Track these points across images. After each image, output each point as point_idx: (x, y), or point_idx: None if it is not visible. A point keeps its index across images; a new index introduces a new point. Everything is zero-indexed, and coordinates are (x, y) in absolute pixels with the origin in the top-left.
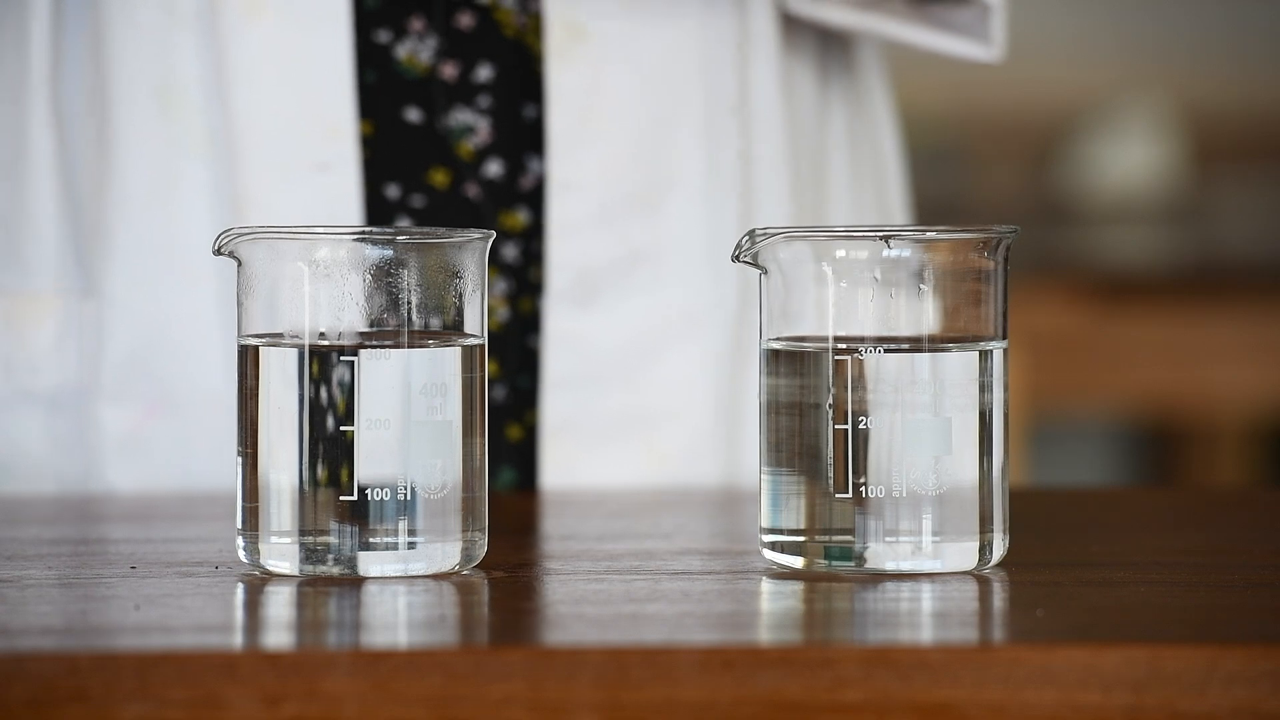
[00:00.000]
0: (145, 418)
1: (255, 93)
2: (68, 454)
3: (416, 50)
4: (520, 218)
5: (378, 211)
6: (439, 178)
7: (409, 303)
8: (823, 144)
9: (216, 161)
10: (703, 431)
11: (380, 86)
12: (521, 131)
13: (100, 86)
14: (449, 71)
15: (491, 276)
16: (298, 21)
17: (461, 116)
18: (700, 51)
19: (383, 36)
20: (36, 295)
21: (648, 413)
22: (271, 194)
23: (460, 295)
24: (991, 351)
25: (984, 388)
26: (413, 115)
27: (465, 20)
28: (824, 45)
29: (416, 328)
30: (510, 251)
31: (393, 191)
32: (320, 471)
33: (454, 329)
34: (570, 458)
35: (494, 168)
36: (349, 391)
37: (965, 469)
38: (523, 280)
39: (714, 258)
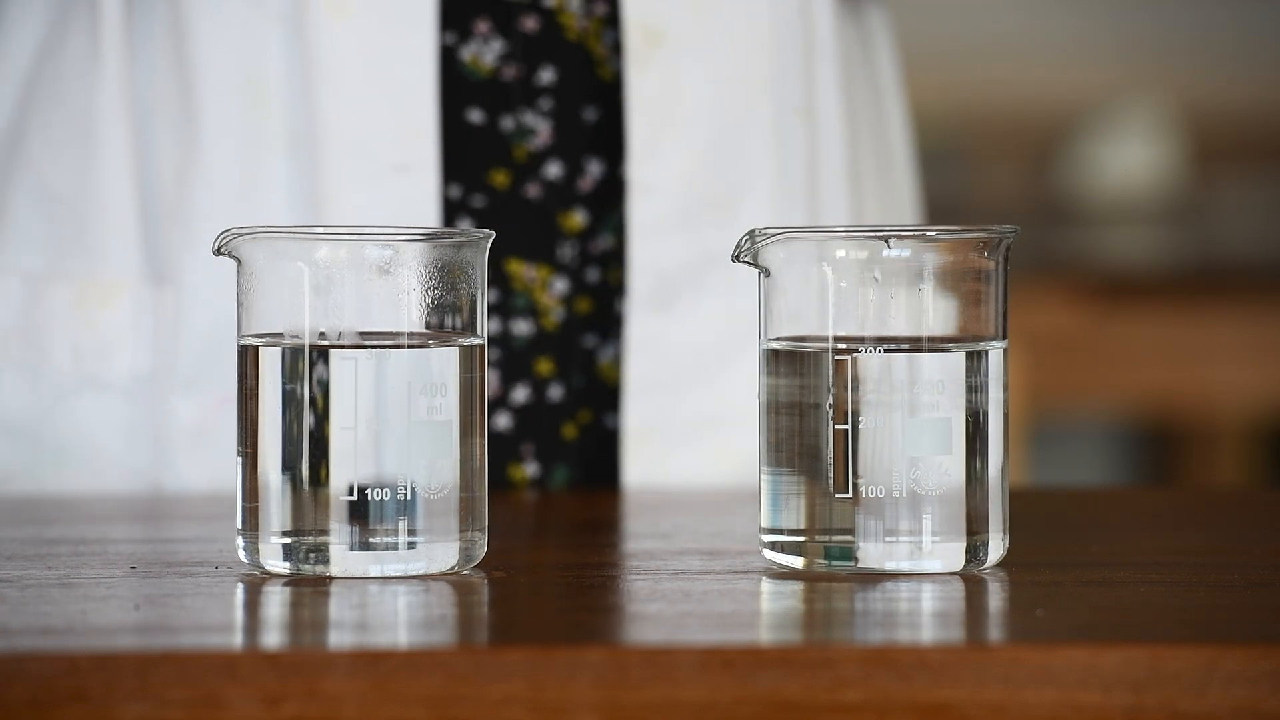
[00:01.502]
0: (216, 409)
1: (340, 92)
2: (136, 443)
3: (480, 52)
4: (578, 219)
5: (440, 211)
6: (499, 178)
7: (408, 302)
8: (855, 139)
9: (297, 158)
10: None
11: (444, 88)
12: (582, 134)
13: (184, 75)
14: (511, 73)
15: (548, 277)
16: (383, 23)
17: (523, 118)
18: (770, 51)
19: (448, 38)
20: (106, 281)
21: (721, 416)
22: (351, 193)
23: (460, 295)
24: (991, 351)
25: (984, 388)
26: (475, 116)
27: (530, 24)
28: (847, 38)
29: (416, 328)
30: (568, 252)
31: (454, 192)
32: (320, 471)
33: (453, 329)
34: (652, 462)
35: (554, 169)
36: (349, 391)
37: (965, 469)
38: (579, 281)
39: None
